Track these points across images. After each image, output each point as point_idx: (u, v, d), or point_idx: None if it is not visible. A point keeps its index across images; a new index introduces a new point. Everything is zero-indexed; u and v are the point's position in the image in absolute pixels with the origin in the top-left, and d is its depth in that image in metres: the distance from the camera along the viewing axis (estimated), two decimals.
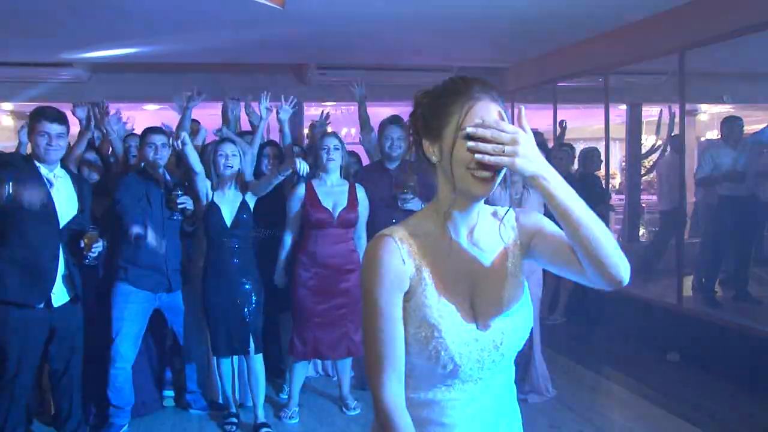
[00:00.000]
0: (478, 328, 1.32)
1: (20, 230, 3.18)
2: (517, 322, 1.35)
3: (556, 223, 1.30)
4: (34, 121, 3.24)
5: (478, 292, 1.34)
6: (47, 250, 3.25)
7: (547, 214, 1.37)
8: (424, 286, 1.29)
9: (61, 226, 3.28)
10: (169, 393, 4.26)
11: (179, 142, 3.59)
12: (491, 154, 1.15)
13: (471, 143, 1.16)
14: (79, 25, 5.22)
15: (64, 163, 3.45)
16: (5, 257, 3.18)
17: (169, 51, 6.26)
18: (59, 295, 3.31)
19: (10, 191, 3.14)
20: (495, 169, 1.21)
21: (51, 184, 3.27)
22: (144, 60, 6.72)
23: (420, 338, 1.29)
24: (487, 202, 1.33)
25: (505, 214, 1.38)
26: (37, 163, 3.26)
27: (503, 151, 1.14)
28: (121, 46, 5.98)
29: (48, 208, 3.24)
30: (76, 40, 5.79)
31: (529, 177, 1.16)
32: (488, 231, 1.37)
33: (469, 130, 1.17)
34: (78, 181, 3.46)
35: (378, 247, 1.30)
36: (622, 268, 1.22)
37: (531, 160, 1.16)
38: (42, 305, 3.24)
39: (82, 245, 3.27)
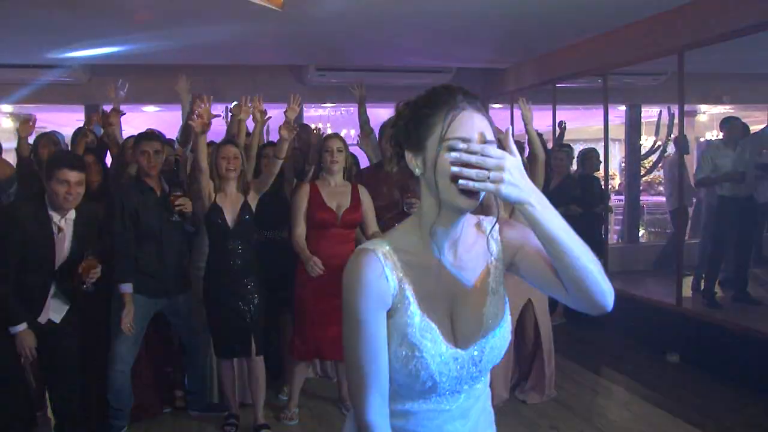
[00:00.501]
0: (457, 347, 1.31)
1: (16, 272, 3.17)
2: (497, 339, 1.34)
3: None
4: (53, 167, 3.17)
5: (458, 310, 1.32)
6: (38, 290, 3.27)
7: None
8: (407, 305, 1.28)
9: (55, 268, 3.28)
10: (178, 393, 4.27)
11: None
12: (476, 180, 1.10)
13: (455, 169, 1.12)
14: (77, 24, 5.22)
15: None
16: None
17: (167, 52, 6.26)
18: (51, 316, 3.33)
19: (18, 242, 3.14)
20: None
21: (58, 231, 3.25)
22: (142, 62, 6.72)
23: (400, 356, 1.27)
24: (480, 206, 1.29)
25: (491, 228, 1.35)
26: (50, 212, 3.22)
27: (488, 177, 1.10)
28: (120, 44, 5.97)
29: (48, 256, 3.24)
30: (73, 39, 5.78)
31: (515, 203, 1.13)
32: (471, 245, 1.35)
33: (453, 155, 1.14)
34: (83, 218, 3.34)
35: (361, 263, 1.26)
36: (606, 295, 1.21)
37: (517, 186, 1.11)
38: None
39: (80, 271, 3.22)
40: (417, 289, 1.28)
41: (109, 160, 4.53)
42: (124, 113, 4.61)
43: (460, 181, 1.11)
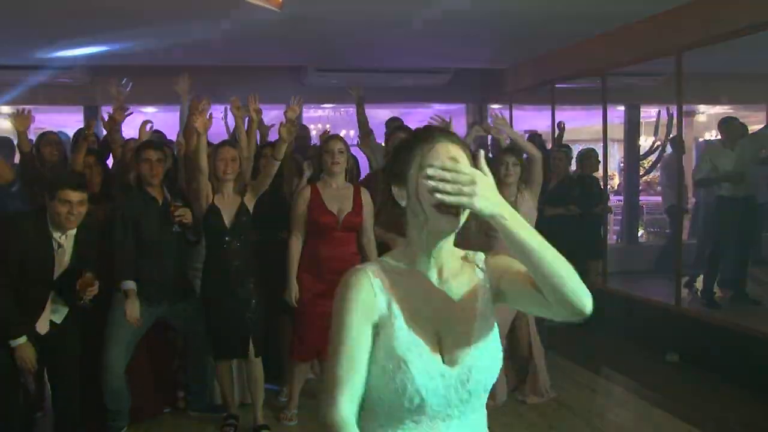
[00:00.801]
0: (444, 363, 1.34)
1: (15, 282, 3.19)
2: (485, 360, 1.37)
3: None
4: (54, 187, 3.17)
5: (446, 329, 1.37)
6: (36, 300, 3.29)
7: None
8: (394, 320, 1.33)
9: (54, 279, 3.30)
10: (180, 394, 4.28)
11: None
12: (451, 194, 1.19)
13: (432, 183, 1.19)
14: (76, 24, 5.22)
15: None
16: None
17: (167, 52, 6.26)
18: (52, 317, 3.36)
19: (17, 258, 3.16)
20: (457, 206, 1.25)
21: (58, 247, 3.26)
22: (142, 62, 6.72)
23: (387, 370, 1.31)
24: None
25: (480, 265, 1.43)
26: (51, 230, 3.23)
27: (462, 191, 1.18)
28: (120, 44, 5.98)
29: (47, 269, 3.25)
30: (73, 39, 5.78)
31: (488, 216, 1.20)
32: (458, 272, 1.43)
33: (429, 171, 1.21)
34: (83, 227, 3.34)
35: (352, 278, 1.36)
36: (584, 299, 1.25)
37: (490, 200, 1.20)
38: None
39: (77, 287, 3.23)
40: (405, 306, 1.35)
41: (110, 161, 4.53)
42: (131, 112, 4.51)
43: (437, 195, 1.19)
